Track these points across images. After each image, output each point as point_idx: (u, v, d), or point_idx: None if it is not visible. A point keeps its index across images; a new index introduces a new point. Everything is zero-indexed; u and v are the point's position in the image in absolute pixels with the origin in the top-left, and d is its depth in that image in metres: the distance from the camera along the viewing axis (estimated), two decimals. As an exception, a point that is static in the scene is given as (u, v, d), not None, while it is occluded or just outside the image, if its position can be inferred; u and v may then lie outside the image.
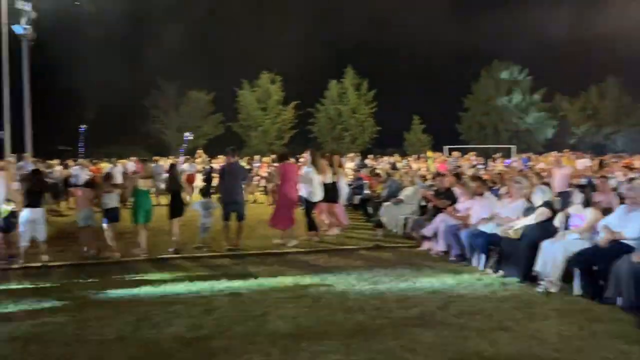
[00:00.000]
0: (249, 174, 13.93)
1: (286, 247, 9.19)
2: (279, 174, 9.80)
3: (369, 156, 25.97)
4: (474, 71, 45.44)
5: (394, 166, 19.64)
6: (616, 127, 43.03)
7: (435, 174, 13.84)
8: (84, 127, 29.12)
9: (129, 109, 42.10)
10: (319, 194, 9.77)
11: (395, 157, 24.32)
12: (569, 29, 41.09)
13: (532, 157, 22.76)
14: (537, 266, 6.43)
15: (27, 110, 24.44)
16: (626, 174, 11.72)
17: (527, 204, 7.52)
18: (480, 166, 19.09)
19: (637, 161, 16.06)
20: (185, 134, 31.40)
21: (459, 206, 8.66)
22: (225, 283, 6.91)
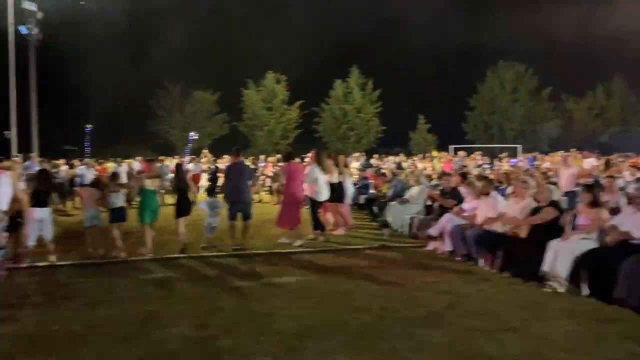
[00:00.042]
0: (254, 174, 13.90)
1: (292, 247, 9.17)
2: (284, 173, 9.78)
3: (374, 156, 25.98)
4: (480, 70, 45.37)
5: (399, 166, 19.61)
6: (623, 126, 42.80)
7: (440, 173, 13.81)
8: (89, 126, 29.23)
9: (135, 109, 42.34)
10: (324, 193, 9.75)
11: (401, 157, 24.31)
12: (575, 28, 40.98)
13: (538, 157, 22.67)
14: (545, 266, 6.39)
15: (33, 110, 24.55)
16: (634, 173, 11.65)
17: (534, 203, 7.47)
18: (486, 166, 19.04)
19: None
20: (190, 133, 31.49)
21: (465, 206, 8.61)
22: (231, 283, 6.90)
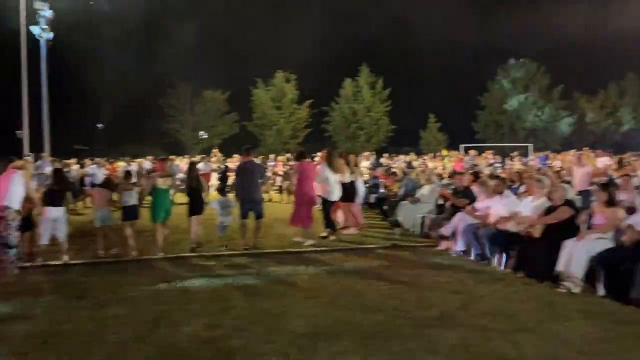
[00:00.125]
0: (265, 172, 13.86)
1: (303, 246, 9.13)
2: (296, 172, 9.74)
3: (384, 155, 25.89)
4: (490, 69, 45.08)
5: (409, 165, 19.53)
6: (636, 124, 42.34)
7: (451, 172, 13.73)
8: (100, 125, 29.34)
9: (145, 108, 42.52)
10: (336, 192, 9.70)
11: (411, 156, 24.21)
12: (587, 25, 40.63)
13: (550, 156, 22.46)
14: (559, 266, 6.30)
15: (45, 110, 24.71)
16: (648, 172, 11.49)
17: (548, 202, 7.37)
18: (497, 165, 18.89)
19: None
20: (200, 132, 31.59)
21: (478, 205, 8.53)
22: (243, 282, 6.89)
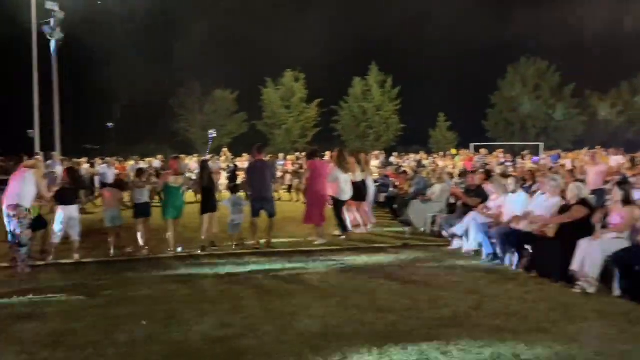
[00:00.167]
0: (276, 171, 13.84)
1: (313, 245, 9.10)
2: (308, 170, 9.70)
3: (394, 154, 25.78)
4: (501, 67, 44.75)
5: (419, 164, 19.44)
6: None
7: (462, 171, 13.63)
8: (110, 124, 29.41)
9: (155, 108, 42.63)
10: (347, 192, 9.65)
11: (421, 155, 24.10)
12: (599, 23, 40.11)
13: (562, 155, 22.27)
14: (574, 265, 6.22)
15: (56, 109, 24.83)
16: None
17: (562, 201, 7.29)
18: (508, 163, 18.73)
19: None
20: (210, 131, 31.51)
21: (490, 204, 8.45)
22: (254, 281, 6.87)
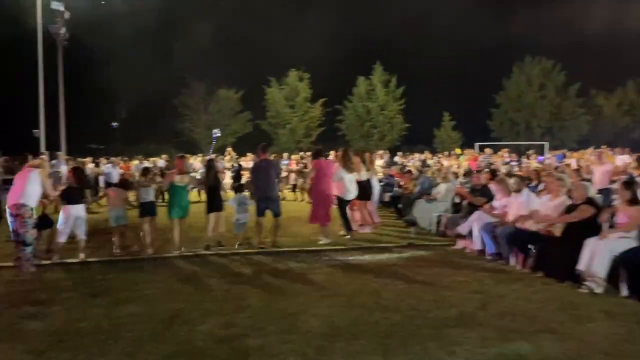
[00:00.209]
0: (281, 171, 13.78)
1: (318, 245, 9.07)
2: (313, 170, 9.65)
3: (398, 153, 25.75)
4: (506, 67, 44.59)
5: (424, 163, 19.38)
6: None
7: (466, 171, 13.59)
8: (115, 124, 29.39)
9: (159, 107, 42.70)
10: (352, 191, 9.62)
11: (426, 154, 24.05)
12: (605, 22, 39.91)
13: (567, 154, 22.17)
14: (581, 265, 6.17)
15: (61, 109, 24.92)
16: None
17: (568, 201, 7.23)
18: (513, 163, 18.66)
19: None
20: (214, 130, 31.46)
21: (495, 203, 8.40)
22: (258, 280, 6.85)
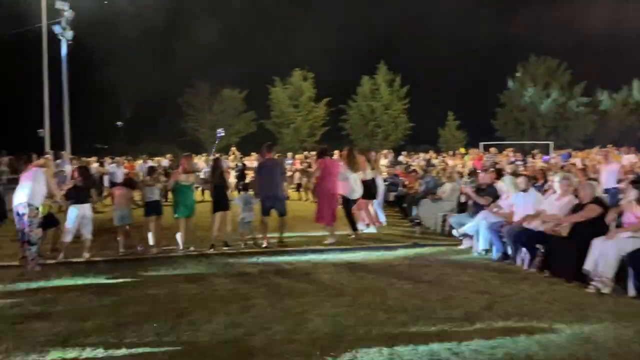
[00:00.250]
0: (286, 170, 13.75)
1: (323, 244, 9.04)
2: (319, 169, 9.61)
3: (403, 153, 25.67)
4: (510, 66, 44.44)
5: (429, 163, 19.31)
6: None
7: (471, 170, 13.53)
8: (120, 123, 29.33)
9: (164, 107, 42.75)
10: (357, 191, 9.58)
11: (430, 154, 23.97)
12: (610, 21, 39.73)
13: (573, 154, 22.04)
14: (588, 265, 6.12)
15: (65, 108, 24.94)
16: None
17: (575, 200, 7.18)
18: (518, 162, 18.56)
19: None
20: (218, 130, 31.37)
21: (501, 203, 8.35)
22: (263, 280, 6.82)
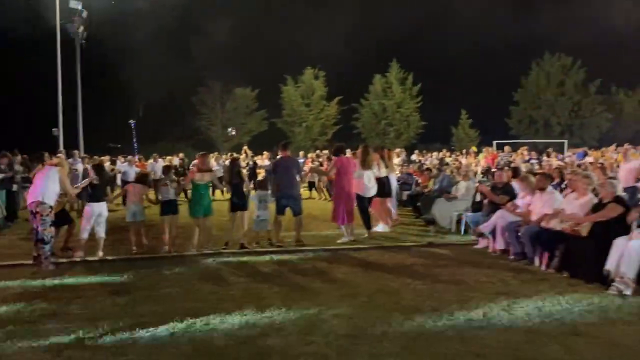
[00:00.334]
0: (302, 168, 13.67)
1: (337, 244, 8.97)
2: (335, 167, 9.52)
3: (415, 151, 25.52)
4: (524, 64, 43.96)
5: (442, 161, 19.15)
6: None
7: (485, 169, 13.38)
8: (133, 122, 29.32)
9: (177, 106, 42.92)
10: (372, 189, 9.48)
11: (444, 153, 23.80)
12: (626, 17, 39.10)
13: (589, 152, 21.75)
14: (609, 266, 5.98)
15: (79, 108, 25.12)
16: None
17: (595, 199, 7.03)
18: (533, 161, 18.34)
19: None
20: (229, 129, 31.42)
21: (519, 202, 8.21)
22: (278, 279, 6.76)
